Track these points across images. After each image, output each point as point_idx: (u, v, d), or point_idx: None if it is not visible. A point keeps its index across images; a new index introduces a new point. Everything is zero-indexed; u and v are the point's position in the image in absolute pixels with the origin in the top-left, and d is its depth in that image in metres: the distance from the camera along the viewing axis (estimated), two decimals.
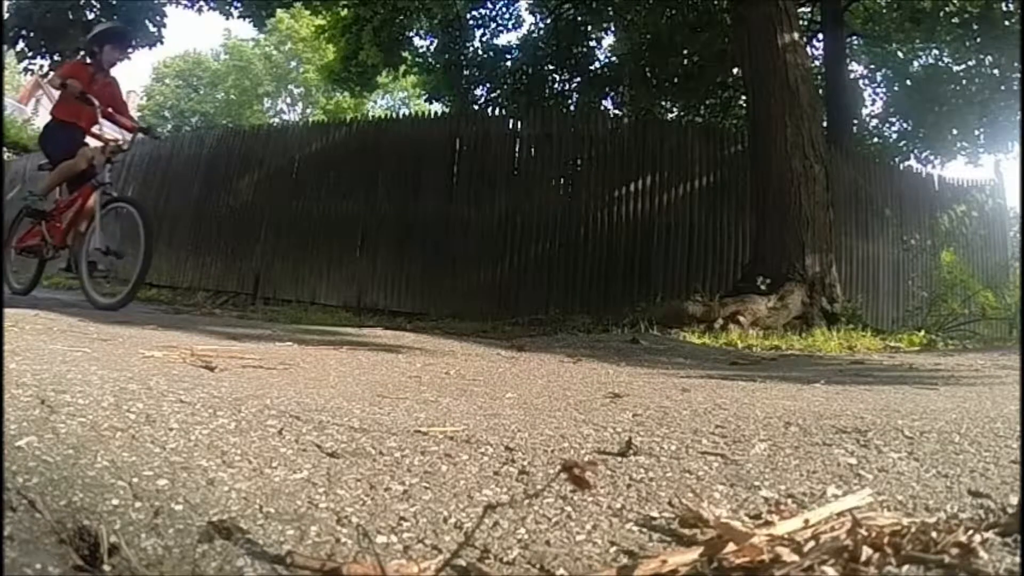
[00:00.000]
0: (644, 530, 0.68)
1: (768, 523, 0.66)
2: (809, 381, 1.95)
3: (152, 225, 4.28)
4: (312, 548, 0.61)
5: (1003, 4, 9.60)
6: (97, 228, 4.22)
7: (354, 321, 5.55)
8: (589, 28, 12.80)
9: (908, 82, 11.91)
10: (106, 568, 0.54)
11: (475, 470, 0.86)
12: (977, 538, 0.58)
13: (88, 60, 4.65)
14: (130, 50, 4.74)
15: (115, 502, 0.64)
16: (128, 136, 4.70)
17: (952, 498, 0.75)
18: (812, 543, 0.60)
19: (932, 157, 11.98)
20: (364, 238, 8.02)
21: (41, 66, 9.53)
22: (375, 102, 29.21)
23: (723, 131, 9.43)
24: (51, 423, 0.83)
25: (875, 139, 13.23)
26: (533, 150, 7.72)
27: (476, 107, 12.40)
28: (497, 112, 11.75)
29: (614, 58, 13.20)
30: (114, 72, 4.61)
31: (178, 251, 8.81)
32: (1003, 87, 10.21)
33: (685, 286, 6.57)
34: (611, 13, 12.21)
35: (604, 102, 13.12)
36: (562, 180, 7.72)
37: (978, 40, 10.07)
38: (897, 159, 11.73)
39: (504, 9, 13.30)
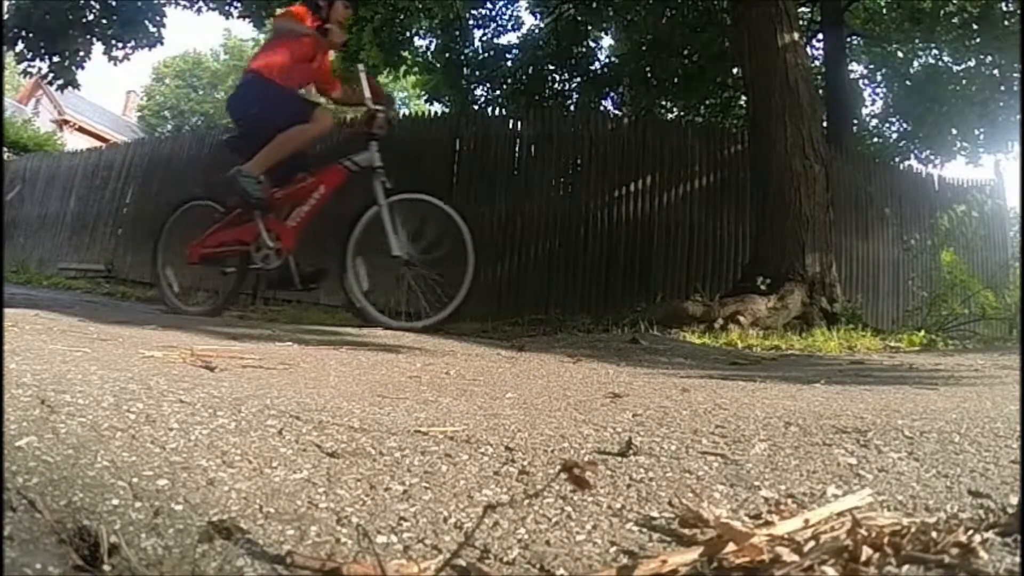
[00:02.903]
0: (644, 530, 0.68)
1: (768, 523, 0.66)
2: (809, 381, 1.95)
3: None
4: (312, 548, 0.61)
5: (1003, 4, 9.62)
6: (390, 230, 3.47)
7: (354, 321, 5.54)
8: (589, 28, 12.82)
9: (908, 82, 11.95)
10: (106, 568, 0.54)
11: (475, 470, 0.86)
12: (977, 538, 0.58)
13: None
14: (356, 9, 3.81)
15: (115, 502, 0.64)
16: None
17: (952, 498, 0.75)
18: (812, 543, 0.60)
19: (932, 157, 12.01)
20: None
21: (39, 68, 9.52)
22: None
23: (723, 131, 9.44)
24: (51, 423, 0.83)
25: (875, 139, 13.27)
26: (533, 150, 7.72)
27: (476, 107, 12.42)
28: (497, 112, 11.76)
29: (614, 58, 13.23)
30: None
31: None
32: (1003, 87, 10.24)
33: (685, 286, 6.57)
34: (611, 13, 12.22)
35: (604, 102, 13.15)
36: (562, 180, 7.72)
37: (978, 40, 10.10)
38: (897, 159, 11.76)
39: (504, 9, 13.34)
